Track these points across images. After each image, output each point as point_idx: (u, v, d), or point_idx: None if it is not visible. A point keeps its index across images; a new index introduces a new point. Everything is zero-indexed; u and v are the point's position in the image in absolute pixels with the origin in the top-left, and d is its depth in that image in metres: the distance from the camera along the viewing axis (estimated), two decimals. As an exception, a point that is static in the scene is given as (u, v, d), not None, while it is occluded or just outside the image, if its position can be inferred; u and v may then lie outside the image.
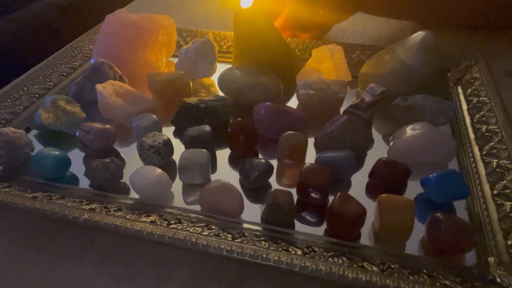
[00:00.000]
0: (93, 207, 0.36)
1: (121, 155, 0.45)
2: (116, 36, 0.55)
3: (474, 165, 0.41)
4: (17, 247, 0.36)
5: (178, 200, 0.39)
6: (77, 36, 0.65)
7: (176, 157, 0.41)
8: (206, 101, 0.47)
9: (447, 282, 0.29)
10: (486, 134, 0.43)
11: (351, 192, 0.39)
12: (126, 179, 0.40)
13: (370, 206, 0.36)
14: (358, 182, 0.40)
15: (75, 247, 0.35)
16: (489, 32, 0.69)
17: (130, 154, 0.44)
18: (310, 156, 0.43)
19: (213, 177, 0.41)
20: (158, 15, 0.57)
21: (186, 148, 0.43)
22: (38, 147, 0.45)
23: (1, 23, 0.70)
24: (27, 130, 0.48)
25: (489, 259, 0.31)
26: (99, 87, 0.47)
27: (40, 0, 0.80)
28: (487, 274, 0.30)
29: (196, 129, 0.44)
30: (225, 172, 0.42)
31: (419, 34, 0.51)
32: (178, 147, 0.44)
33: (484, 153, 0.41)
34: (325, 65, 0.52)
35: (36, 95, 0.52)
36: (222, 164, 0.43)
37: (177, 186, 0.40)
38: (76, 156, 0.44)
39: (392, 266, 0.30)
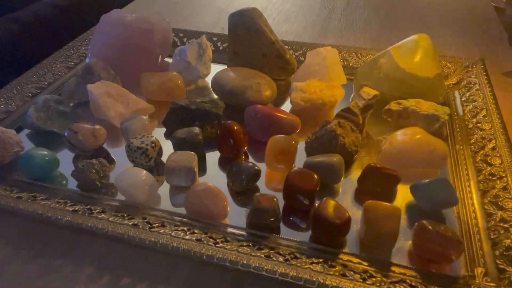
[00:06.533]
0: (77, 208, 0.35)
1: (111, 156, 0.44)
2: (111, 36, 0.54)
3: (466, 172, 0.40)
4: (16, 248, 0.35)
5: (165, 203, 0.39)
6: (77, 37, 0.65)
7: (166, 158, 0.41)
8: (197, 102, 0.47)
9: (429, 292, 0.28)
10: (480, 140, 0.42)
11: (339, 197, 0.39)
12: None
13: (358, 213, 0.36)
14: (347, 187, 0.40)
15: (75, 249, 0.35)
16: (488, 34, 0.68)
17: (121, 155, 0.44)
18: (302, 160, 0.42)
19: (202, 179, 0.41)
20: (154, 16, 0.57)
21: (175, 149, 0.43)
22: (29, 146, 0.44)
23: (1, 23, 0.71)
24: (19, 129, 0.48)
25: (475, 269, 0.31)
26: (90, 87, 0.46)
27: (40, 0, 0.80)
28: (472, 284, 0.29)
29: (185, 131, 0.43)
30: (214, 175, 0.42)
31: (415, 37, 0.50)
32: (170, 148, 0.44)
33: (477, 159, 0.40)
34: (319, 67, 0.51)
35: (30, 94, 0.52)
36: (211, 166, 0.43)
37: (165, 188, 0.40)
38: (67, 157, 0.44)
39: (374, 275, 0.30)
